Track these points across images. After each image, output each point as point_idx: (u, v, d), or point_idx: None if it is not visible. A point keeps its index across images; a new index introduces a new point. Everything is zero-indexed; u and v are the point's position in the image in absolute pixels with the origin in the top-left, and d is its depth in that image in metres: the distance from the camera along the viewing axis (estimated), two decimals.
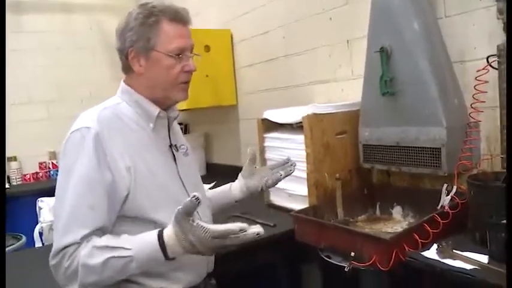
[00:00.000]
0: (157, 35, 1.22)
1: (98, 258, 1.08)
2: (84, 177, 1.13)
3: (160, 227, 1.13)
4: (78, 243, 1.10)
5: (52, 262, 1.11)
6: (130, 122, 1.26)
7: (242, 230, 1.05)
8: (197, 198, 1.04)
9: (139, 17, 1.22)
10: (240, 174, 1.59)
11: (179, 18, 1.25)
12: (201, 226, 1.06)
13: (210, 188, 1.68)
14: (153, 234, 1.11)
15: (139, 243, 1.11)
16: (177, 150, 1.36)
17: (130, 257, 1.09)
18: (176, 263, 1.17)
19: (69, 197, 1.12)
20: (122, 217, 1.19)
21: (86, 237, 1.11)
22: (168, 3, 1.25)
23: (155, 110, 1.28)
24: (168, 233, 1.09)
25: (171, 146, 1.34)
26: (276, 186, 2.15)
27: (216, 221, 1.32)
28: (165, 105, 1.32)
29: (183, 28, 1.26)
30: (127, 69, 1.29)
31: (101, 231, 1.14)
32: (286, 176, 1.58)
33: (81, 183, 1.13)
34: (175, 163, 1.34)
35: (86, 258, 1.08)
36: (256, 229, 1.06)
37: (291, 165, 1.57)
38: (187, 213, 1.06)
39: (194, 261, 1.25)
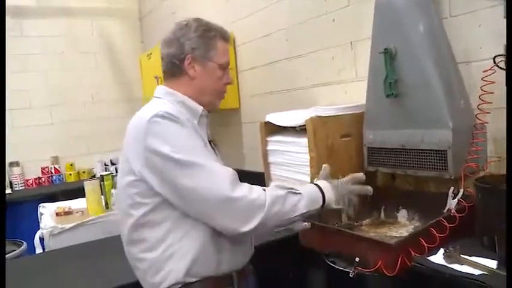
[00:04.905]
0: (215, 48, 1.43)
1: (281, 191, 1.29)
2: (198, 144, 1.31)
3: None
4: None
5: (235, 194, 1.22)
6: (183, 117, 1.35)
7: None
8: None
9: (199, 29, 1.41)
10: None
11: (228, 38, 1.50)
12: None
13: None
14: (310, 184, 1.43)
15: (303, 188, 1.36)
16: (215, 145, 1.51)
17: (301, 194, 1.32)
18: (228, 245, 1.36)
19: (203, 160, 1.27)
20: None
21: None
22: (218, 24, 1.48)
23: (199, 107, 1.44)
24: (319, 183, 1.41)
25: (210, 141, 1.47)
26: None
27: None
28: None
29: (229, 47, 1.51)
30: (176, 72, 1.43)
31: None
32: None
33: (202, 148, 1.32)
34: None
35: (272, 191, 1.28)
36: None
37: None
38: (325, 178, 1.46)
39: (242, 246, 1.42)
